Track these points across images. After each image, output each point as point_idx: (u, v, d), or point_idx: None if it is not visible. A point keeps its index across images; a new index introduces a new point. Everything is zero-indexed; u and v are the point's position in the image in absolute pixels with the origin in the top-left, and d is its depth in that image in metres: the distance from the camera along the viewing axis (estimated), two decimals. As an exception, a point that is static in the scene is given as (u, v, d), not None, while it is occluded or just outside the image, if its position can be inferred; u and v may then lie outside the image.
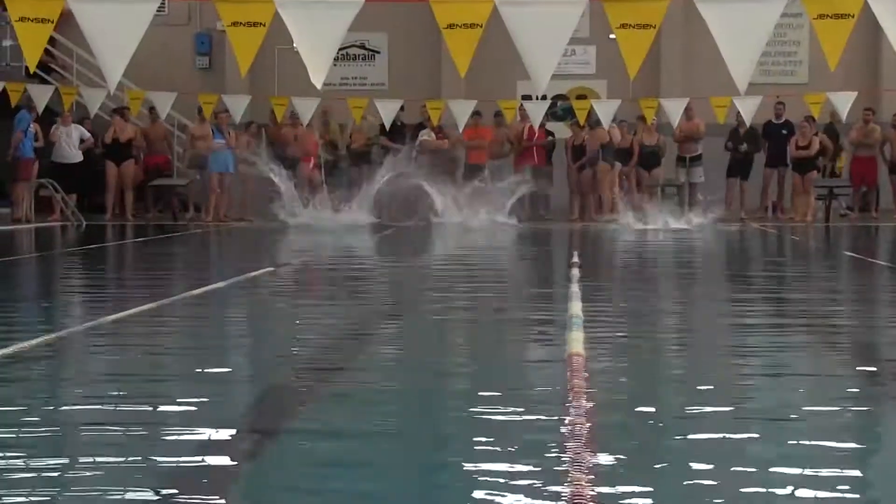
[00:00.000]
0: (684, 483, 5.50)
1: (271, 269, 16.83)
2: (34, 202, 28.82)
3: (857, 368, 8.76)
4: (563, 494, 4.95)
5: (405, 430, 6.81)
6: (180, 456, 5.93)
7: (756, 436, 6.46)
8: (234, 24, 13.36)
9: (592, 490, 5.10)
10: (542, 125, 30.36)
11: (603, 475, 5.44)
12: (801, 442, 6.34)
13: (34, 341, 9.71)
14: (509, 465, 5.67)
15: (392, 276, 17.06)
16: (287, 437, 6.72)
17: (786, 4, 14.11)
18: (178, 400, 7.41)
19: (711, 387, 7.91)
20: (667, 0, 13.99)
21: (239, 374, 8.94)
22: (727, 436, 6.42)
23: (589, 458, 5.63)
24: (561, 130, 30.97)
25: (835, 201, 30.32)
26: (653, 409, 7.18)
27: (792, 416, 7.10)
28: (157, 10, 15.68)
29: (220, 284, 14.15)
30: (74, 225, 27.42)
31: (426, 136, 30.06)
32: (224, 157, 29.06)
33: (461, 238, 23.89)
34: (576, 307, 10.96)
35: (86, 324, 10.97)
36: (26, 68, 23.20)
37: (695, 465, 5.77)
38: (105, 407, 7.35)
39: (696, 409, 7.08)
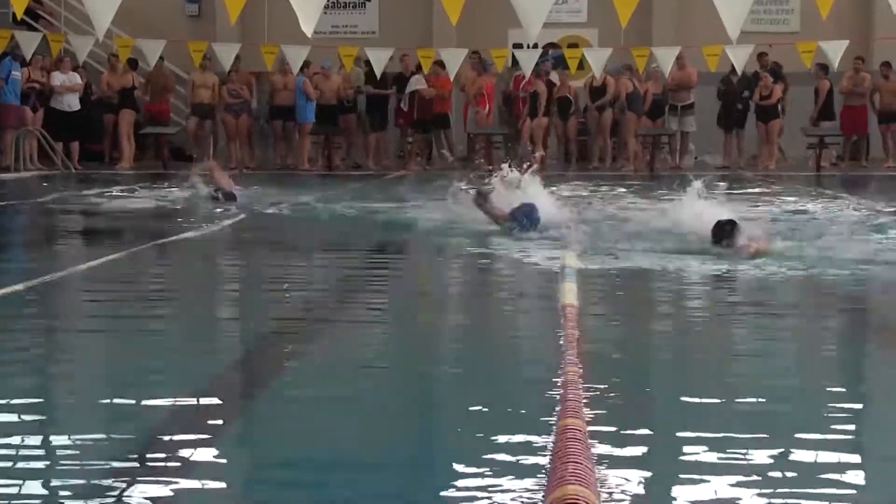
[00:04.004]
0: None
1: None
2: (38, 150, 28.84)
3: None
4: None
5: (401, 365, 7.24)
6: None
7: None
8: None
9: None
10: (539, 74, 30.30)
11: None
12: (785, 381, 6.54)
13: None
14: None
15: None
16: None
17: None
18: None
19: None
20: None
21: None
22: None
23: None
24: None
25: (824, 149, 30.48)
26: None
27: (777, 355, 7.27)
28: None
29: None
30: (64, 173, 27.43)
31: (419, 84, 30.01)
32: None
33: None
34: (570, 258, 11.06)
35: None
36: (13, 15, 23.15)
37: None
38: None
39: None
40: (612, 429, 5.38)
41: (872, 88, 30.19)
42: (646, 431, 5.53)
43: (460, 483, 4.67)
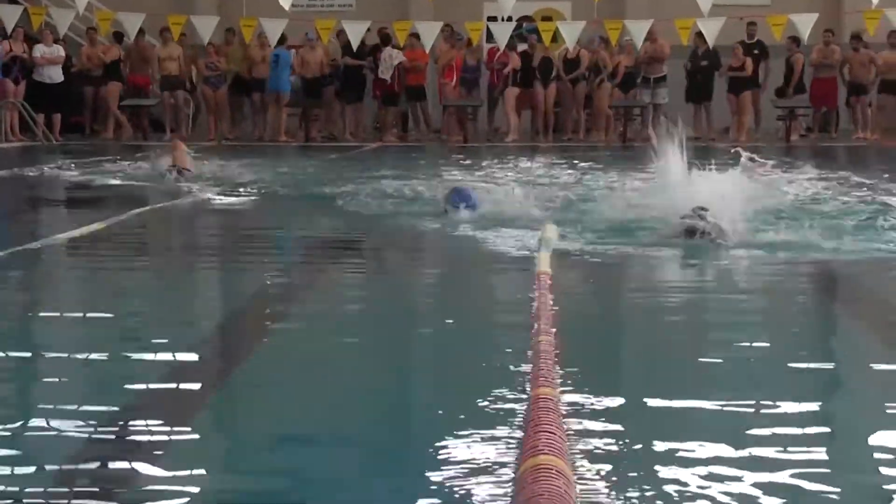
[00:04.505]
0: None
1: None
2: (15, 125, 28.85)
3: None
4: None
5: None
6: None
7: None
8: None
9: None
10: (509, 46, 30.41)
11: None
12: (751, 351, 6.47)
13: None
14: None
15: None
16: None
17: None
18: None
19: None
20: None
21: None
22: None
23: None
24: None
25: (794, 121, 30.52)
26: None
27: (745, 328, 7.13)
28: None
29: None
30: (44, 144, 27.45)
31: (397, 57, 30.03)
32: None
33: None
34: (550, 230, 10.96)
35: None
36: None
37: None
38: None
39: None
40: (584, 397, 5.34)
41: (842, 61, 30.09)
42: (617, 399, 5.44)
43: (436, 454, 4.60)
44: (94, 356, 6.69)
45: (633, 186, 15.91)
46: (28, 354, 6.98)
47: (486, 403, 5.29)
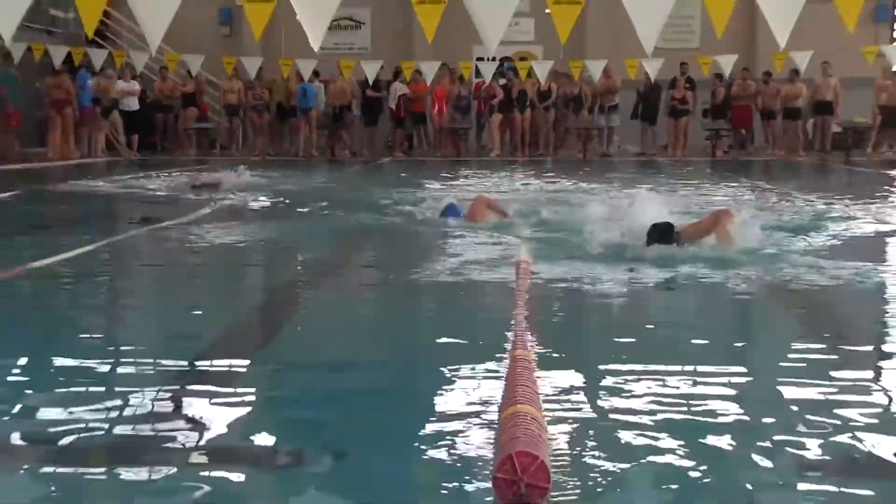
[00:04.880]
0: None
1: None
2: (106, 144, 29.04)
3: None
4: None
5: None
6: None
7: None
8: (250, 0, 13.35)
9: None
10: (493, 80, 30.59)
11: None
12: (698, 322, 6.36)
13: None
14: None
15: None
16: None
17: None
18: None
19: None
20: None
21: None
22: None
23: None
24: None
25: (718, 140, 30.69)
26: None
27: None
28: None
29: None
30: (125, 159, 27.47)
31: (400, 89, 30.14)
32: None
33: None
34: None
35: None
36: (86, 35, 23.04)
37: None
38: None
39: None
40: (556, 358, 5.38)
41: (756, 92, 30.41)
42: (584, 361, 5.46)
43: (434, 404, 4.62)
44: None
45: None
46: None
47: (475, 363, 5.25)
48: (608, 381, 4.95)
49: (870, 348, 5.92)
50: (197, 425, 4.38)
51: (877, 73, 29.95)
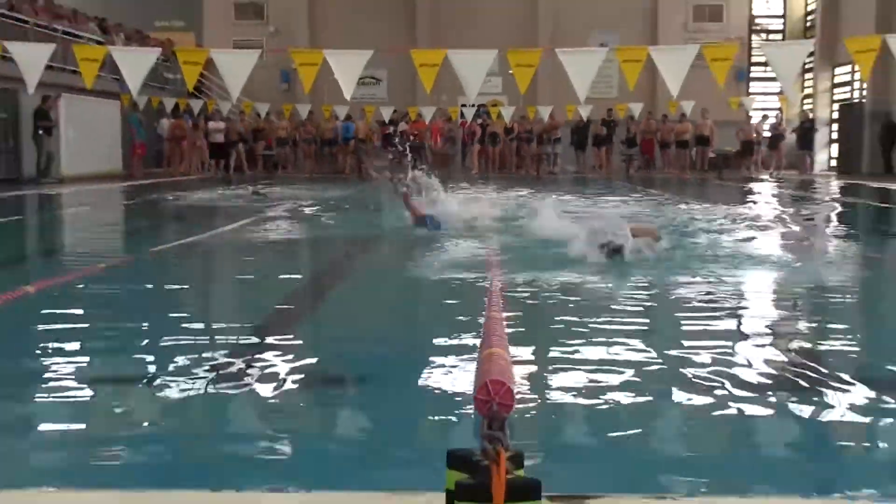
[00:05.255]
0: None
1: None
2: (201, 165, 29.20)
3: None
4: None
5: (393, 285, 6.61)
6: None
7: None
8: (302, 64, 13.36)
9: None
10: (473, 120, 30.76)
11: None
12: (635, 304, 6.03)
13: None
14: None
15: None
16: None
17: (606, 52, 14.07)
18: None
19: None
20: (540, 51, 14.03)
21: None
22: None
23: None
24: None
25: (631, 163, 30.78)
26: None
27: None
28: (259, 58, 15.62)
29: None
30: (216, 176, 27.52)
31: (402, 126, 30.19)
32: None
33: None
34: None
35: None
36: (188, 90, 23.13)
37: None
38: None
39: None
40: (521, 327, 5.05)
41: (656, 129, 30.49)
42: (543, 323, 5.30)
43: (430, 353, 4.46)
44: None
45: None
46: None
47: (462, 318, 5.19)
48: (556, 344, 4.77)
49: (739, 318, 5.53)
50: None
51: (739, 117, 30.33)
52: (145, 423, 3.43)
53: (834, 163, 30.23)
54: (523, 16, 33.98)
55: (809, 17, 33.94)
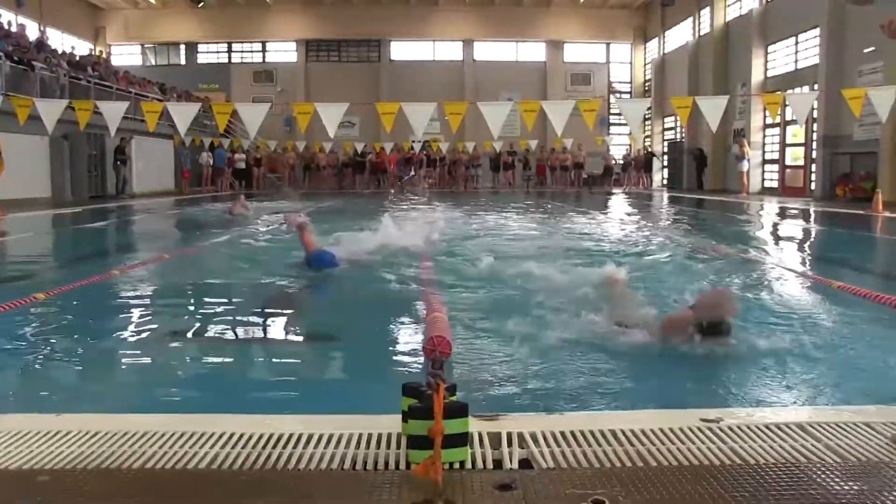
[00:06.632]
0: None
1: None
2: (230, 185, 28.45)
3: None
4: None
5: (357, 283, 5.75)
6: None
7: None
8: (299, 113, 13.14)
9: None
10: (420, 151, 30.33)
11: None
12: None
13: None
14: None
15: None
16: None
17: (512, 104, 13.93)
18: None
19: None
20: (466, 103, 13.97)
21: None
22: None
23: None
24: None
25: (530, 181, 30.80)
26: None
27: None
28: (269, 108, 15.34)
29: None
30: (239, 193, 26.94)
31: (371, 157, 29.81)
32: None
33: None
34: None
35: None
36: (220, 132, 22.70)
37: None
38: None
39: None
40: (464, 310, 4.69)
41: (547, 158, 30.44)
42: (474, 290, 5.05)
43: (387, 317, 4.29)
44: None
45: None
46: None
47: (407, 294, 5.04)
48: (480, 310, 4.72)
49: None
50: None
51: (602, 150, 30.57)
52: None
53: (665, 182, 30.69)
54: (455, 80, 33.84)
55: (647, 83, 34.35)
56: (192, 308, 4.69)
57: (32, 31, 25.93)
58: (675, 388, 2.91)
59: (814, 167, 20.44)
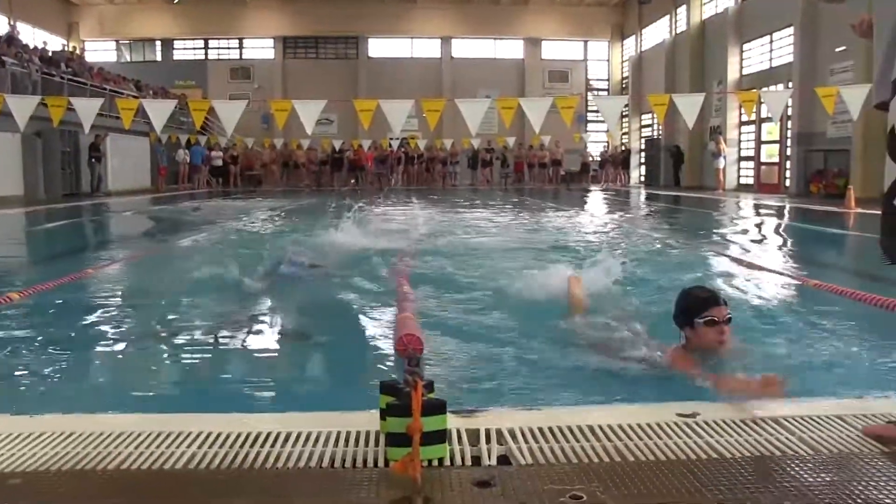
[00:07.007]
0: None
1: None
2: (206, 182, 28.21)
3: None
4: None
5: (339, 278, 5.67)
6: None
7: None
8: (277, 110, 13.09)
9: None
10: (398, 148, 30.25)
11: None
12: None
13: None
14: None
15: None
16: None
17: (490, 101, 13.98)
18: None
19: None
20: (444, 100, 13.97)
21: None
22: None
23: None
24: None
25: (508, 178, 30.88)
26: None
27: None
28: (247, 105, 15.26)
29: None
30: (216, 191, 26.82)
31: (349, 154, 29.67)
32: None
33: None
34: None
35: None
36: (196, 128, 22.50)
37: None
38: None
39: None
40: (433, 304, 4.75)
41: (525, 155, 30.49)
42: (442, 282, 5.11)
43: (363, 321, 4.28)
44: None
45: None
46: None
47: (381, 294, 4.98)
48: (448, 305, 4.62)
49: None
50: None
51: (580, 147, 30.71)
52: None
53: (642, 178, 30.90)
54: (433, 77, 33.84)
55: (625, 81, 34.57)
56: (167, 308, 4.61)
57: (2, 26, 25.50)
58: (652, 384, 2.93)
59: (788, 164, 20.69)
